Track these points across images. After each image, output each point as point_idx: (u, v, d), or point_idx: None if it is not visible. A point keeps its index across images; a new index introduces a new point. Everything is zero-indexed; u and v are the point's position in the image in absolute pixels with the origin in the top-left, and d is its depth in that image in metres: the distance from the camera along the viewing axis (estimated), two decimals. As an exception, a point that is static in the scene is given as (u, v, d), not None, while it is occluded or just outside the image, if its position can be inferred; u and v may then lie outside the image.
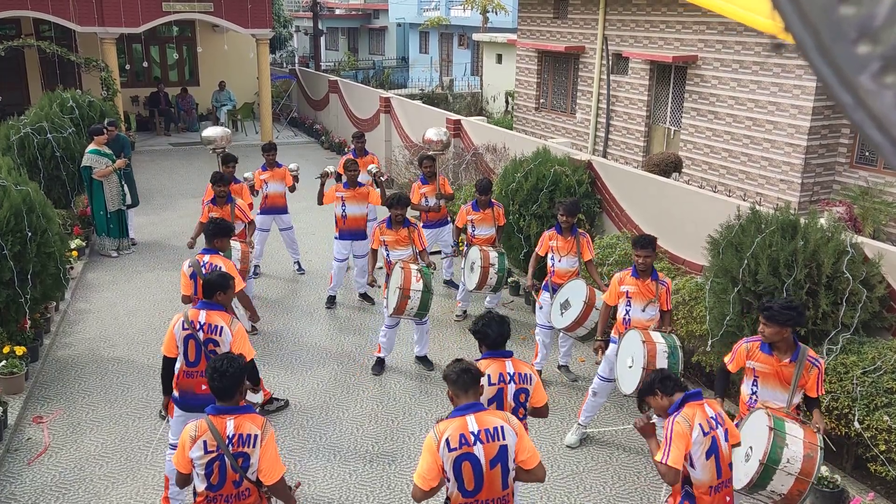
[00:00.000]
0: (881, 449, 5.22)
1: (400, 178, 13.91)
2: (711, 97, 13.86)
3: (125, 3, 16.73)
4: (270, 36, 19.05)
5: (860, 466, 5.70)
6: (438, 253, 9.83)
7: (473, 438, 3.69)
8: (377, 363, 7.68)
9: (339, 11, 43.03)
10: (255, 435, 3.83)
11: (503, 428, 3.75)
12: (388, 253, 7.57)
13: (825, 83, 0.63)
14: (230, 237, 6.71)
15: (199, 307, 5.11)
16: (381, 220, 7.73)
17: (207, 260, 6.29)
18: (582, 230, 7.51)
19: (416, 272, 7.10)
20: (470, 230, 8.41)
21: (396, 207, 7.44)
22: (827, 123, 12.29)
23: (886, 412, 5.20)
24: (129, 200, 11.05)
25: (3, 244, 7.07)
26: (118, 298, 9.45)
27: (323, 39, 33.50)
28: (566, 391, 7.36)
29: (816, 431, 4.58)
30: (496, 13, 29.13)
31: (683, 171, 13.80)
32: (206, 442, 3.80)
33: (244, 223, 8.36)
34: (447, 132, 9.93)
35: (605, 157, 15.63)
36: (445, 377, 3.91)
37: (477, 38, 25.39)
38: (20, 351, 7.09)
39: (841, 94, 0.61)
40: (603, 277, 7.69)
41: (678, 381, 4.24)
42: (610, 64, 16.30)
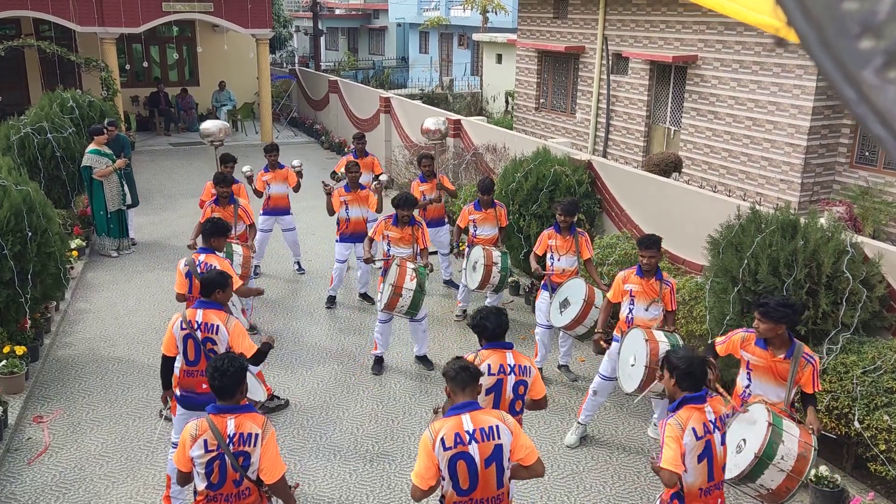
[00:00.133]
0: (881, 448, 5.22)
1: (400, 177, 13.91)
2: (711, 97, 13.87)
3: (125, 3, 16.73)
4: (270, 36, 19.06)
5: (860, 466, 5.70)
6: (435, 253, 9.84)
7: (468, 438, 3.70)
8: (376, 362, 7.68)
9: (339, 11, 43.05)
10: (255, 434, 3.83)
11: (498, 427, 3.76)
12: (389, 248, 7.58)
13: (828, 78, 0.63)
14: (227, 237, 6.70)
15: (196, 306, 5.11)
16: (387, 214, 7.71)
17: (203, 259, 6.29)
18: (581, 229, 7.51)
19: (411, 271, 7.11)
20: (472, 230, 8.39)
21: (404, 208, 7.43)
22: (827, 123, 12.29)
23: (886, 412, 5.20)
24: (129, 200, 11.05)
25: (3, 244, 7.07)
26: (118, 298, 9.45)
27: (323, 39, 33.51)
28: (566, 391, 7.36)
29: (812, 432, 4.59)
30: (496, 13, 29.13)
31: (683, 171, 13.80)
32: (206, 441, 3.80)
33: (245, 225, 8.35)
34: (445, 122, 9.90)
35: (605, 157, 15.63)
36: (444, 373, 3.93)
37: (477, 38, 25.39)
38: (20, 351, 7.10)
39: (844, 89, 0.61)
40: (603, 277, 7.69)
41: (699, 382, 4.04)
42: (610, 64, 16.30)
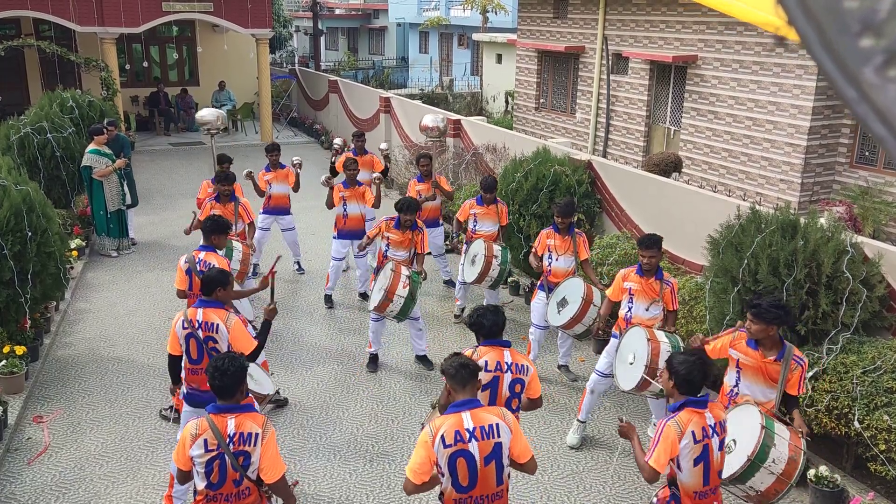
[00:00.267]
0: (881, 448, 5.22)
1: (400, 178, 13.91)
2: (711, 97, 13.86)
3: (125, 3, 16.73)
4: (270, 36, 19.07)
5: (860, 466, 5.70)
6: (429, 254, 9.82)
7: (468, 436, 3.71)
8: (371, 360, 7.72)
9: (339, 11, 43.06)
10: (255, 433, 3.83)
11: (498, 425, 3.77)
12: (387, 249, 7.58)
13: (829, 77, 0.63)
14: (227, 234, 6.71)
15: (197, 305, 5.13)
16: (390, 216, 7.71)
17: (203, 257, 6.29)
18: (578, 230, 7.50)
19: (405, 278, 7.11)
20: (471, 226, 8.38)
21: (407, 212, 7.39)
22: (827, 123, 12.29)
23: (886, 412, 5.20)
24: (128, 200, 11.05)
25: (3, 244, 7.07)
26: (118, 298, 9.45)
27: (323, 39, 33.52)
28: (566, 391, 7.35)
29: (801, 435, 4.60)
30: (496, 13, 29.14)
31: (683, 170, 13.80)
32: (206, 440, 3.80)
33: (244, 223, 8.36)
34: (444, 119, 9.88)
35: (605, 156, 15.63)
36: (443, 371, 3.92)
37: (477, 38, 25.39)
38: (20, 350, 7.10)
39: (845, 88, 0.61)
40: (603, 277, 7.69)
41: (698, 387, 4.06)
42: (610, 64, 16.30)
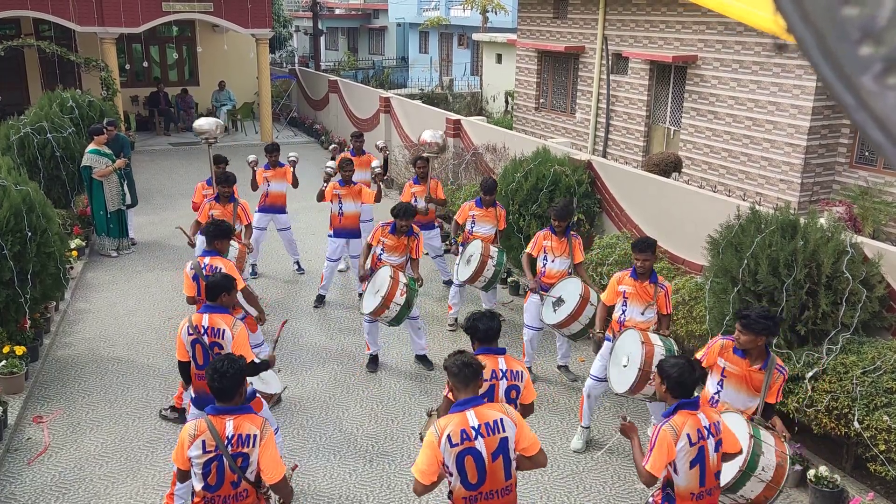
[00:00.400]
0: (881, 449, 5.22)
1: (399, 178, 13.91)
2: (711, 97, 13.86)
3: (125, 3, 16.73)
4: (270, 36, 19.06)
5: (860, 466, 5.70)
6: (426, 254, 9.82)
7: (474, 433, 3.73)
8: (370, 361, 7.74)
9: (338, 11, 43.05)
10: (254, 435, 3.84)
11: (503, 420, 3.80)
12: (381, 253, 7.57)
13: (827, 84, 0.63)
14: (230, 239, 6.70)
15: (202, 311, 5.16)
16: (385, 221, 7.71)
17: (208, 262, 6.28)
18: (574, 232, 7.48)
19: (402, 286, 7.11)
20: (469, 227, 8.38)
21: (402, 218, 7.39)
22: (827, 123, 12.29)
23: (886, 412, 5.20)
24: (128, 200, 11.05)
25: (3, 244, 7.07)
26: (118, 298, 9.45)
27: (323, 39, 33.51)
28: (566, 391, 7.36)
29: (784, 440, 4.61)
30: (496, 13, 29.13)
31: (683, 171, 13.80)
32: (204, 441, 3.80)
33: (242, 225, 8.35)
34: (443, 135, 9.86)
35: (604, 156, 15.63)
36: (446, 368, 3.93)
37: (477, 38, 25.38)
38: (20, 351, 7.10)
39: (843, 94, 0.61)
40: (603, 277, 7.68)
41: (690, 390, 4.07)
42: (610, 64, 16.30)
